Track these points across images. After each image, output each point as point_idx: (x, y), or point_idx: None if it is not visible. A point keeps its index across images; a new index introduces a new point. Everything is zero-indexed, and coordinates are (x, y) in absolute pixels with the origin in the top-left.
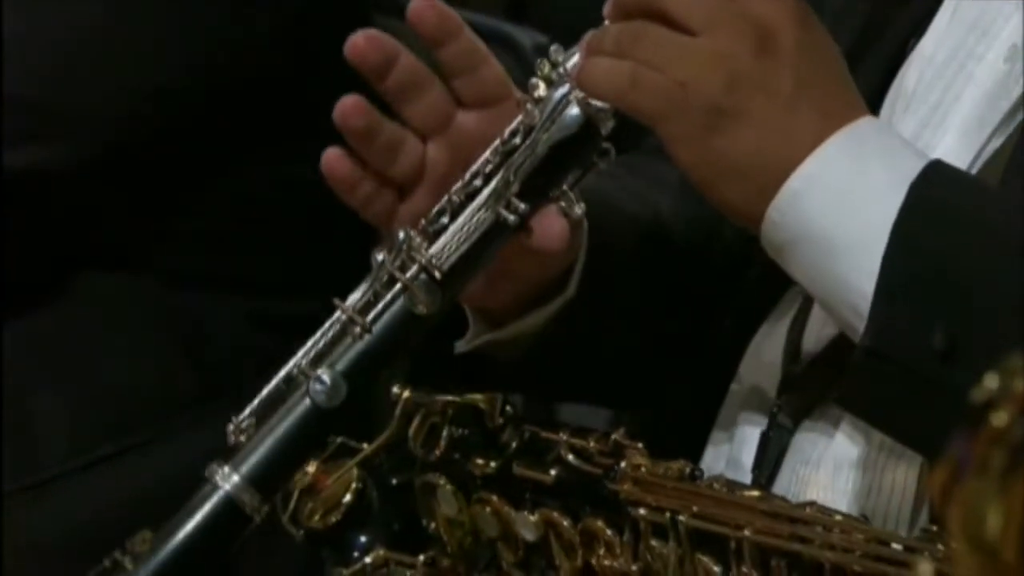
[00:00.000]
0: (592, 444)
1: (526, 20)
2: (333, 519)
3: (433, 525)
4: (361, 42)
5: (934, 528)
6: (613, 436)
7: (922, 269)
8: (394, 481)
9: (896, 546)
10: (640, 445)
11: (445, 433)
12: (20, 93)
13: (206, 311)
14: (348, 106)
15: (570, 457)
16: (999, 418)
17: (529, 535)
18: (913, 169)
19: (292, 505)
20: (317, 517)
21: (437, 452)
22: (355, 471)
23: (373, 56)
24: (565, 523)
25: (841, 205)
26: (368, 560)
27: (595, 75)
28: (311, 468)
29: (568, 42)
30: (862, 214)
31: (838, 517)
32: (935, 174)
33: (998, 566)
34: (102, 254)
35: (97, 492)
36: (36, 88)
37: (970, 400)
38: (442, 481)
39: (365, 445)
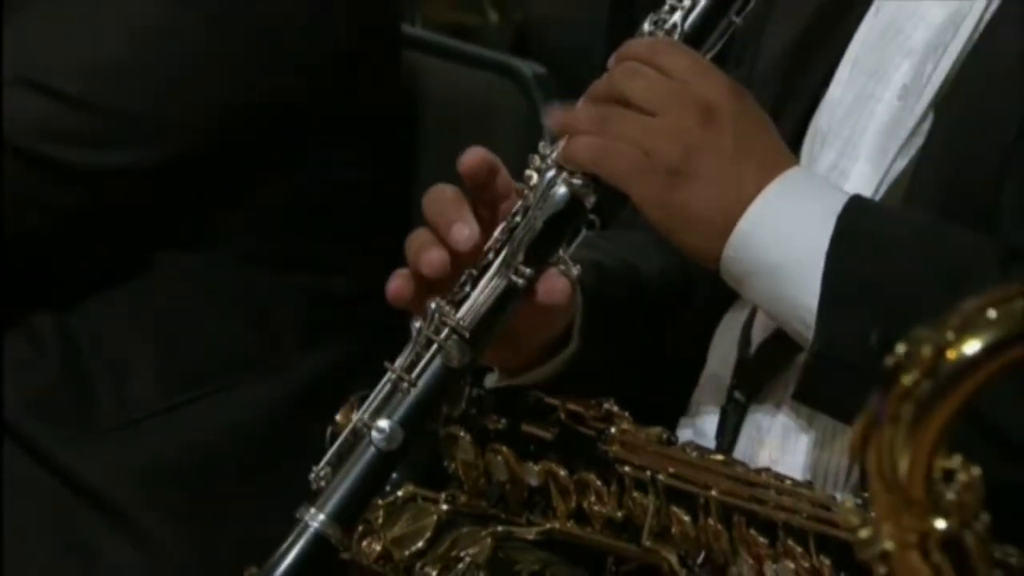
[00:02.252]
0: (587, 411)
1: (527, 54)
2: None
3: (453, 468)
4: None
5: (864, 495)
6: (605, 405)
7: (854, 284)
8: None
9: (835, 509)
10: (627, 414)
11: (467, 394)
12: (119, 106)
13: (268, 285)
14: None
15: (568, 420)
16: (908, 378)
17: (532, 481)
18: (838, 203)
19: None
20: None
21: (459, 410)
22: None
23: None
24: (562, 473)
25: (784, 239)
26: (399, 493)
27: (577, 149)
28: None
29: (561, 70)
30: (801, 244)
31: (788, 483)
32: (855, 206)
33: (907, 502)
34: (184, 237)
35: (178, 430)
36: (133, 102)
37: (884, 364)
38: (462, 433)
39: None
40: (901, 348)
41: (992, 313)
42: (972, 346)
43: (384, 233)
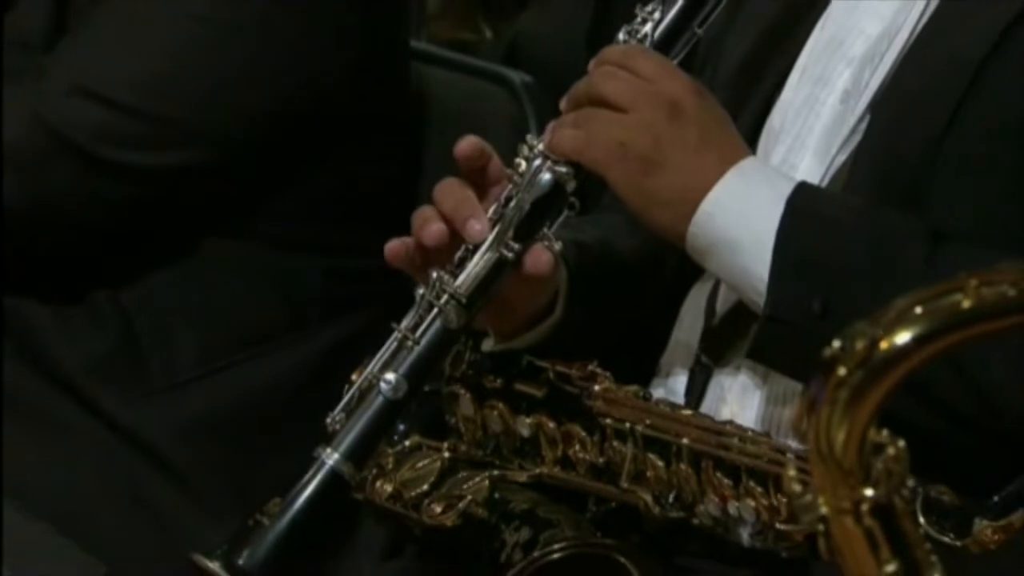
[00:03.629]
0: (573, 371)
1: (518, 65)
2: None
3: (454, 421)
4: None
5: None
6: (589, 367)
7: (800, 259)
8: (427, 389)
9: (789, 455)
10: (608, 374)
11: (466, 357)
12: (164, 113)
13: (295, 266)
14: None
15: (556, 379)
16: (842, 369)
17: (524, 432)
18: (787, 189)
19: None
20: None
21: (460, 371)
22: None
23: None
24: (551, 425)
25: (740, 219)
26: (407, 443)
27: (562, 140)
28: None
29: (547, 78)
30: (755, 224)
31: (749, 433)
32: (802, 191)
33: (842, 473)
34: (224, 226)
35: (217, 391)
36: (176, 110)
37: (822, 355)
38: (462, 391)
39: None
40: (837, 343)
41: (919, 309)
42: (902, 338)
43: (395, 218)
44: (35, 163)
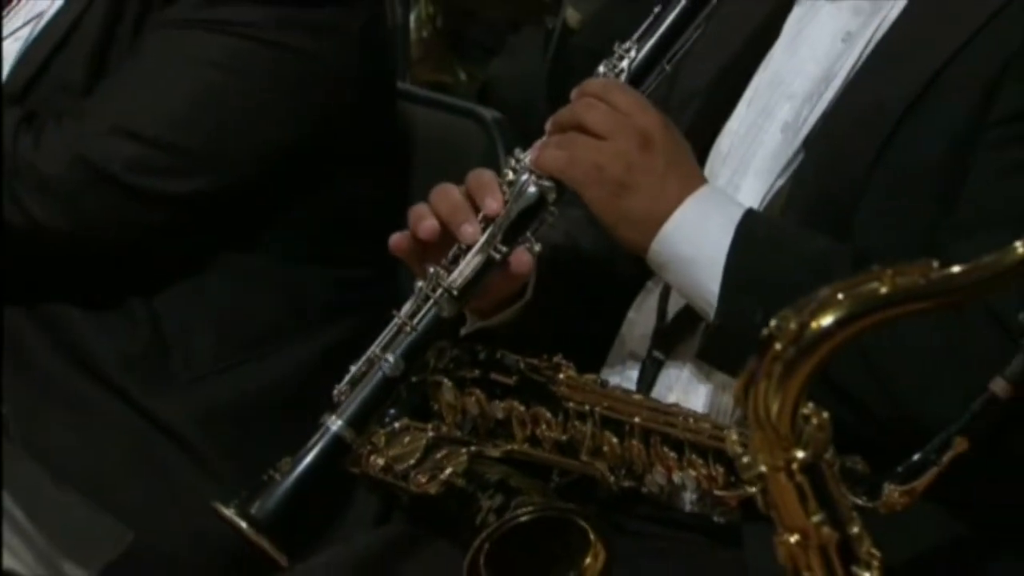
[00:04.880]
0: (540, 362)
1: (489, 103)
2: None
3: (437, 406)
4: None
5: (745, 431)
6: (554, 359)
7: (746, 277)
8: (414, 379)
9: (727, 431)
10: (571, 364)
11: (448, 352)
12: (185, 146)
13: (302, 276)
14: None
15: (526, 370)
16: (778, 345)
17: (498, 415)
18: (737, 215)
19: None
20: None
21: (443, 362)
22: None
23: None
24: (521, 409)
25: (696, 240)
26: (397, 424)
27: (547, 160)
28: None
29: (513, 115)
30: (709, 245)
31: (693, 413)
32: (749, 218)
33: (776, 437)
34: (240, 241)
35: (232, 383)
36: (195, 144)
37: (760, 334)
38: (445, 380)
39: None
40: (773, 323)
41: (841, 296)
42: (827, 320)
43: (386, 234)
44: (77, 192)
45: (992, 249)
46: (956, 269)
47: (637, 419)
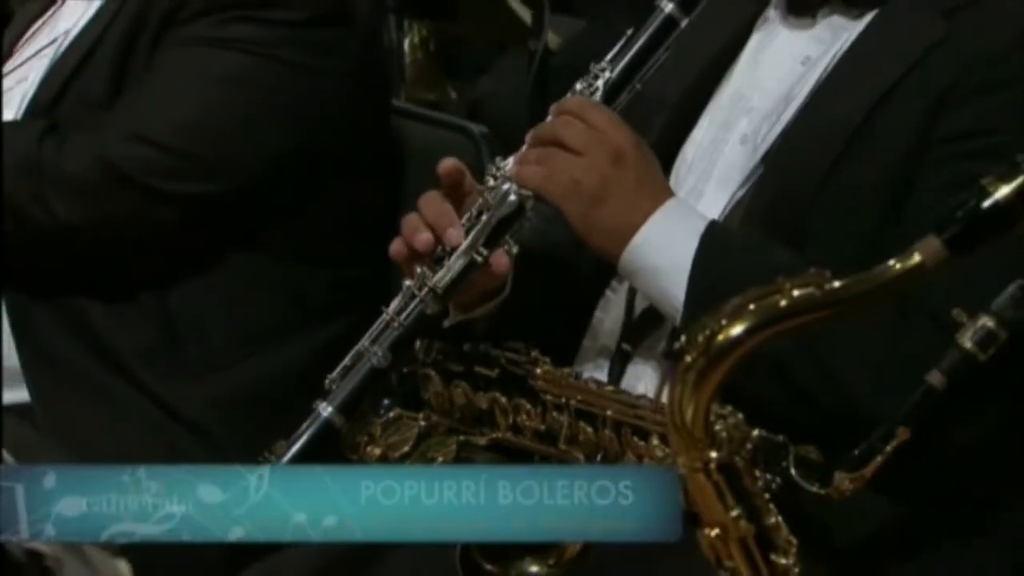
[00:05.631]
0: (520, 357)
1: (476, 119)
2: None
3: (427, 397)
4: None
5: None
6: (532, 353)
7: (709, 284)
8: (404, 370)
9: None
10: (547, 359)
11: (435, 347)
12: (195, 152)
13: (304, 276)
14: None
15: (507, 364)
16: (688, 357)
17: (483, 405)
18: (701, 226)
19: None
20: None
21: (431, 356)
22: None
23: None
24: (503, 400)
25: (663, 250)
26: (391, 415)
27: (526, 175)
28: None
29: (499, 130)
30: (675, 255)
31: (658, 405)
32: (712, 230)
33: (692, 439)
34: (247, 242)
35: (239, 374)
36: (204, 149)
37: (675, 345)
38: (433, 372)
39: None
40: (683, 337)
41: (752, 306)
42: (736, 329)
43: (381, 237)
44: (97, 191)
45: None
46: (837, 284)
47: (609, 411)
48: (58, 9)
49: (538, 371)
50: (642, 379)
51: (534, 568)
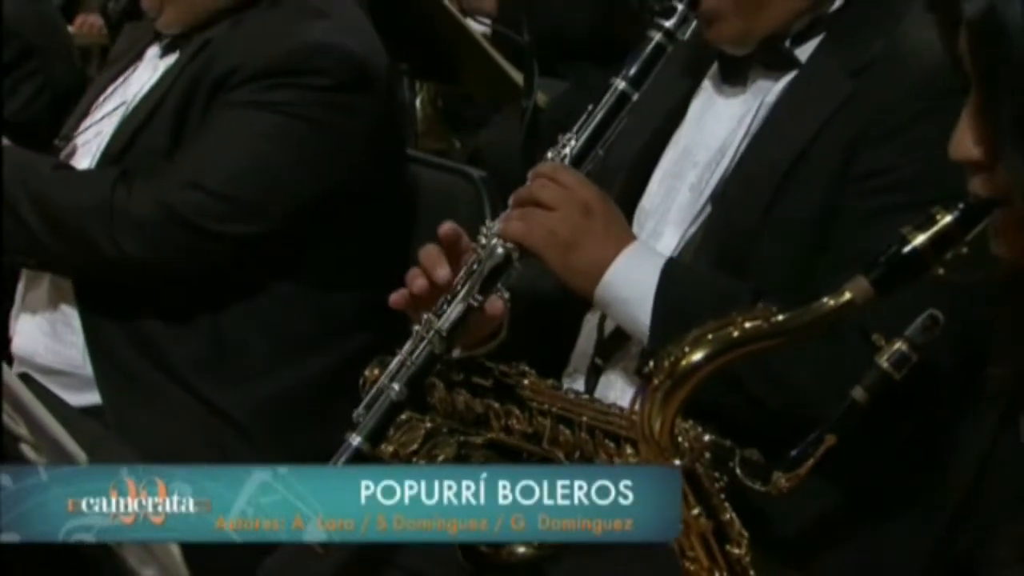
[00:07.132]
0: (510, 369)
1: (477, 165)
2: None
3: (433, 402)
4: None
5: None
6: (521, 367)
7: (669, 313)
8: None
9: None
10: (533, 371)
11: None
12: (239, 197)
13: (331, 300)
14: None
15: (499, 375)
16: (656, 379)
17: (479, 410)
18: (661, 263)
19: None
20: None
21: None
22: None
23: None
24: (496, 406)
25: (630, 285)
26: (403, 417)
27: (510, 230)
28: None
29: (497, 175)
30: (640, 288)
31: (627, 412)
32: (670, 266)
33: (659, 449)
34: (283, 271)
35: (276, 383)
36: (247, 194)
37: (645, 369)
38: (438, 382)
39: None
40: (651, 363)
41: (710, 336)
42: (697, 355)
43: (397, 267)
44: (159, 230)
45: None
46: (781, 317)
47: (584, 417)
48: (129, 76)
49: (525, 382)
50: (613, 389)
51: (521, 549)
